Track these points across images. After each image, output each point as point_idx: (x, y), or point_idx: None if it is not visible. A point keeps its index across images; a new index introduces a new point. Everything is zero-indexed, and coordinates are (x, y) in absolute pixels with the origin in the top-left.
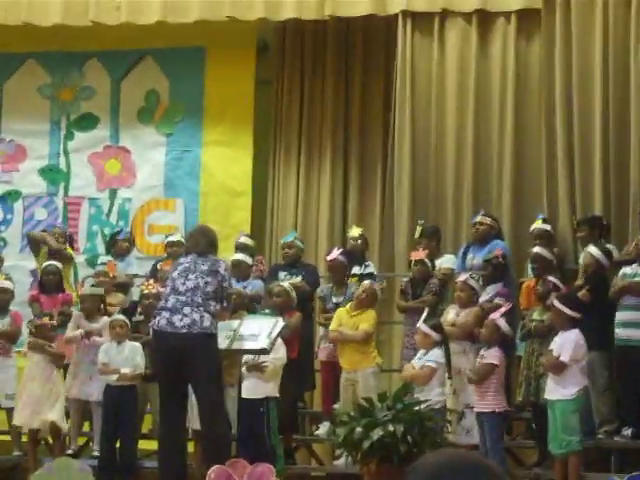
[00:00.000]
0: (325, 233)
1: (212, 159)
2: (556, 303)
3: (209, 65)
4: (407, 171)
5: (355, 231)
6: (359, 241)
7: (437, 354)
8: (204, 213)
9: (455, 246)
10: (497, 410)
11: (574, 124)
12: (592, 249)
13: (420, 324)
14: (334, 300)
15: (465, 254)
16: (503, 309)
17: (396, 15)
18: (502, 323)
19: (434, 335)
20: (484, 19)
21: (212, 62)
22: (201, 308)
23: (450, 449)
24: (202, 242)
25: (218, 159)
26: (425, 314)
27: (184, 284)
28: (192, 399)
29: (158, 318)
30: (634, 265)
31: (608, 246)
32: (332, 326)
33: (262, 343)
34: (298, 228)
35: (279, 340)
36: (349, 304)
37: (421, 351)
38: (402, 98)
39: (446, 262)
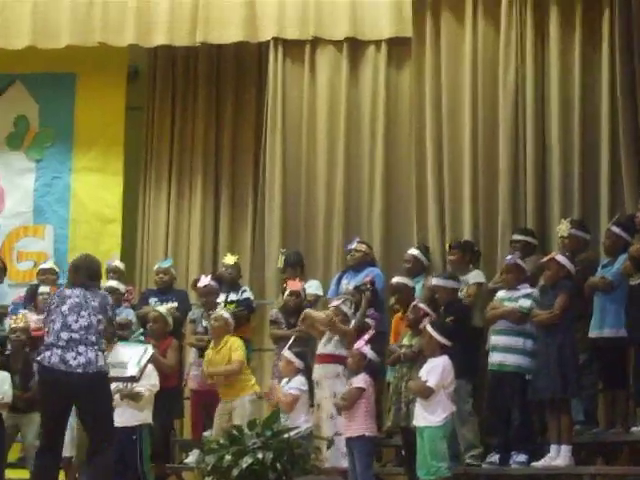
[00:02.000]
0: (196, 260)
1: (82, 185)
2: (429, 328)
3: (80, 91)
4: (278, 198)
5: (230, 259)
6: (231, 269)
7: (300, 381)
8: (74, 240)
9: (326, 272)
10: (367, 434)
11: (444, 152)
12: (434, 280)
13: (285, 351)
14: (204, 324)
15: (340, 280)
16: (367, 336)
17: (267, 42)
18: (367, 350)
19: (297, 362)
20: (355, 47)
21: (83, 88)
22: (95, 347)
23: (314, 476)
24: (88, 274)
25: (88, 186)
26: (291, 341)
27: (77, 321)
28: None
29: (48, 354)
30: (506, 290)
31: (476, 272)
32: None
33: (131, 371)
34: (169, 255)
35: (151, 367)
36: (213, 341)
37: (285, 379)
38: (273, 125)
39: (310, 288)
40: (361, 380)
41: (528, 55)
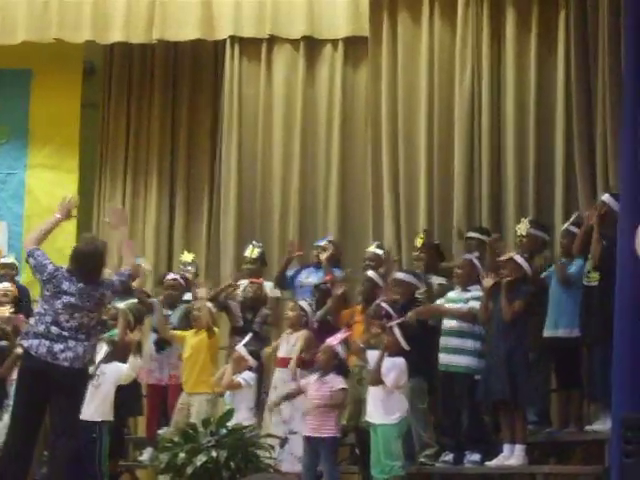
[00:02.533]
0: (151, 258)
1: (37, 182)
2: (395, 330)
3: (35, 87)
4: (233, 196)
5: (187, 256)
6: (190, 267)
7: (250, 375)
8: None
9: None
10: (337, 435)
11: (399, 152)
12: (399, 274)
13: (239, 347)
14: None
15: (296, 275)
16: (340, 335)
17: (224, 41)
18: (340, 350)
19: (250, 360)
20: (311, 46)
21: (38, 84)
22: (85, 343)
23: (265, 474)
24: (91, 267)
25: (43, 182)
26: (248, 338)
27: (68, 322)
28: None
29: (36, 343)
30: (458, 290)
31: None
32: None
33: None
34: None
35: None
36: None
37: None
38: (229, 123)
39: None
40: (340, 381)
41: (484, 56)
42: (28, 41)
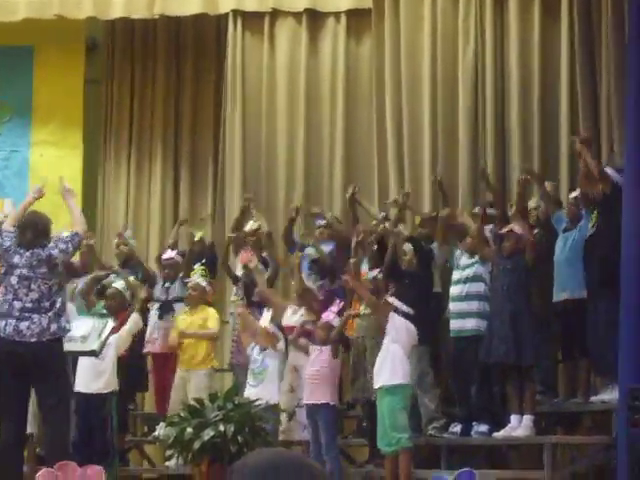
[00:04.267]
0: (156, 232)
1: (41, 159)
2: (393, 300)
3: (37, 64)
4: (238, 170)
5: (197, 235)
6: (197, 244)
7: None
8: None
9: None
10: (331, 403)
11: (403, 123)
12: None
13: (266, 323)
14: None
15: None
16: (335, 308)
17: (226, 14)
18: (336, 322)
19: (279, 335)
20: (314, 19)
21: (40, 61)
22: (49, 313)
23: (272, 448)
24: (34, 233)
25: (47, 159)
26: (270, 314)
27: (28, 295)
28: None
29: (3, 323)
30: (466, 256)
31: None
32: (174, 332)
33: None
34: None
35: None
36: (188, 308)
37: (256, 348)
38: (233, 97)
39: None
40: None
41: (487, 26)
42: (29, 18)
